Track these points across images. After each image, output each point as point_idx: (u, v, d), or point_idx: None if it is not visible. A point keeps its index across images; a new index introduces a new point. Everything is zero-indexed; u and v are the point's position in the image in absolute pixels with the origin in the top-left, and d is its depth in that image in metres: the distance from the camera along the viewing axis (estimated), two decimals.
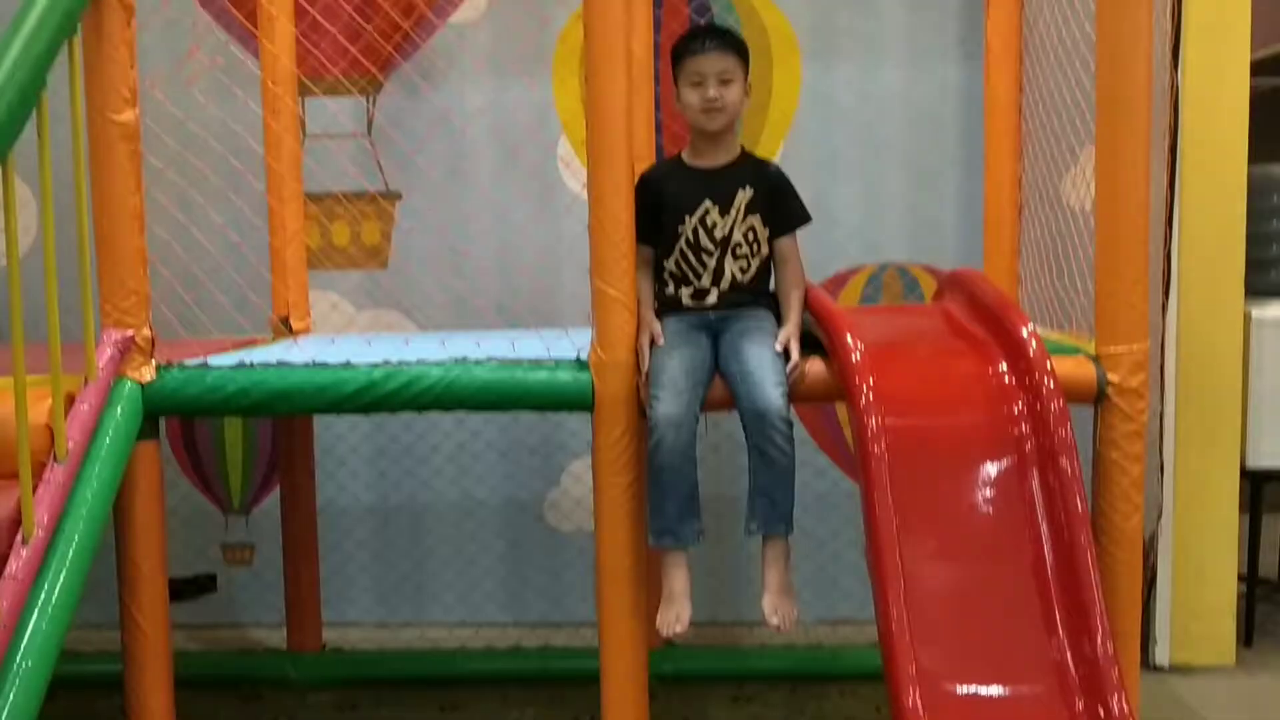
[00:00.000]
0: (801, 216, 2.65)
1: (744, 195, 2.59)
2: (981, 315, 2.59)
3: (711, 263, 2.59)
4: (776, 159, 3.47)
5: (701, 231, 2.58)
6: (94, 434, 2.36)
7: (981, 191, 3.48)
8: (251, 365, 2.53)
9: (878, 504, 2.23)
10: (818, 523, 3.80)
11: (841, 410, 3.67)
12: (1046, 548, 2.25)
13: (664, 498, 2.40)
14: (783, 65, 3.72)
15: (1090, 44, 3.12)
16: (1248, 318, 3.54)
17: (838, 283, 3.78)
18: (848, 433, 3.76)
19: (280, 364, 2.54)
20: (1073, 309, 2.99)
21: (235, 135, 3.31)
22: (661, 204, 2.59)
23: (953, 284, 2.77)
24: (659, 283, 2.65)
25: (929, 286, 3.78)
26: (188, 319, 3.20)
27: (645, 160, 3.10)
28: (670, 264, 2.62)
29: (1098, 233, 2.45)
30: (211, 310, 3.25)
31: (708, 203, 2.58)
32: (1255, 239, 3.63)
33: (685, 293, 2.60)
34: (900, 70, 3.75)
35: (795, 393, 2.44)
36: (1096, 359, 2.45)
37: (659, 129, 3.51)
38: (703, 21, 3.60)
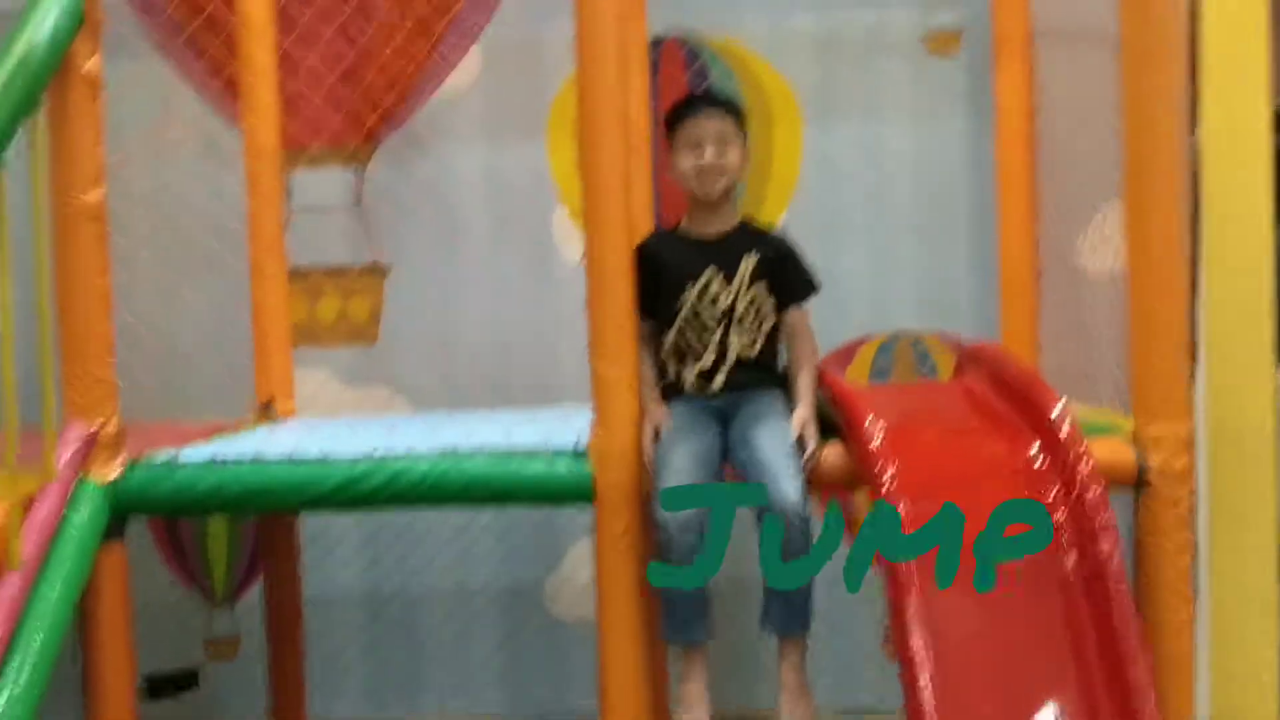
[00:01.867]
0: (811, 285, 2.52)
1: (748, 263, 2.46)
2: (1007, 393, 2.42)
3: (715, 337, 2.44)
4: (781, 225, 3.34)
5: (703, 303, 2.44)
6: (54, 538, 2.19)
7: (995, 254, 3.35)
8: (224, 461, 2.35)
9: (905, 601, 2.05)
10: (834, 607, 3.59)
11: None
12: (1090, 640, 2.07)
13: (674, 600, 2.24)
14: (784, 129, 3.60)
15: (1106, 101, 3.01)
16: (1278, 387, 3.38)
17: (847, 354, 3.62)
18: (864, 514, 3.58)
19: (255, 459, 2.37)
20: (1100, 381, 2.84)
21: (218, 208, 3.17)
22: (660, 275, 2.45)
23: (974, 359, 2.61)
24: (660, 359, 2.49)
25: (943, 356, 3.62)
26: (169, 398, 3.05)
27: (644, 231, 2.96)
28: (671, 338, 2.46)
29: (1131, 306, 2.31)
30: (195, 388, 3.10)
31: (709, 272, 2.44)
32: None
33: (689, 374, 2.45)
34: (906, 131, 3.63)
35: (812, 482, 2.26)
36: (1135, 440, 2.28)
37: (657, 198, 3.38)
38: (701, 88, 3.48)
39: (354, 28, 3.21)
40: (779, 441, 2.27)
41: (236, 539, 3.73)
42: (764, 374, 2.47)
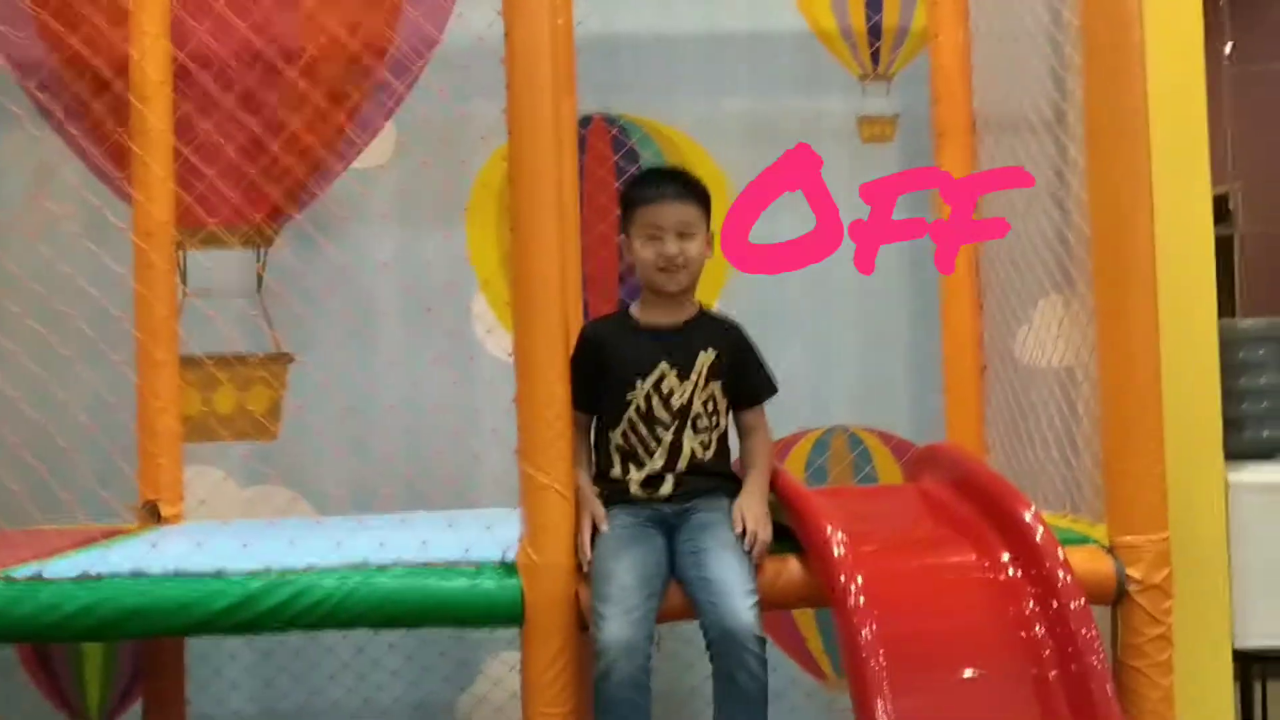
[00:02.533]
0: (769, 387, 2.34)
1: (705, 358, 2.27)
2: (970, 497, 2.25)
3: (668, 436, 2.23)
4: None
5: (656, 399, 2.24)
6: None
7: (932, 352, 3.21)
8: (97, 577, 2.05)
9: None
10: None
11: None
12: None
13: None
14: (718, 213, 3.43)
15: (1044, 192, 2.92)
16: (1225, 483, 3.27)
17: (781, 448, 3.43)
18: (801, 623, 3.37)
19: (134, 574, 2.07)
20: (1052, 484, 2.69)
21: (102, 289, 2.87)
22: (606, 367, 2.24)
23: (931, 460, 2.44)
24: (603, 459, 2.27)
25: (881, 454, 3.46)
26: (40, 502, 2.72)
27: (574, 321, 2.75)
28: (617, 437, 2.24)
29: (1104, 408, 2.17)
30: (71, 490, 2.78)
31: (664, 366, 2.25)
32: (1225, 397, 3.40)
33: (635, 476, 2.23)
34: (847, 218, 3.49)
35: (768, 600, 2.04)
36: (1111, 550, 2.12)
37: (586, 284, 3.19)
38: (634, 169, 3.32)
39: (259, 96, 2.97)
40: (732, 556, 2.07)
41: (114, 653, 3.39)
42: (716, 479, 2.27)
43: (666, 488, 2.21)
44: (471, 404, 3.06)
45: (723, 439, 2.29)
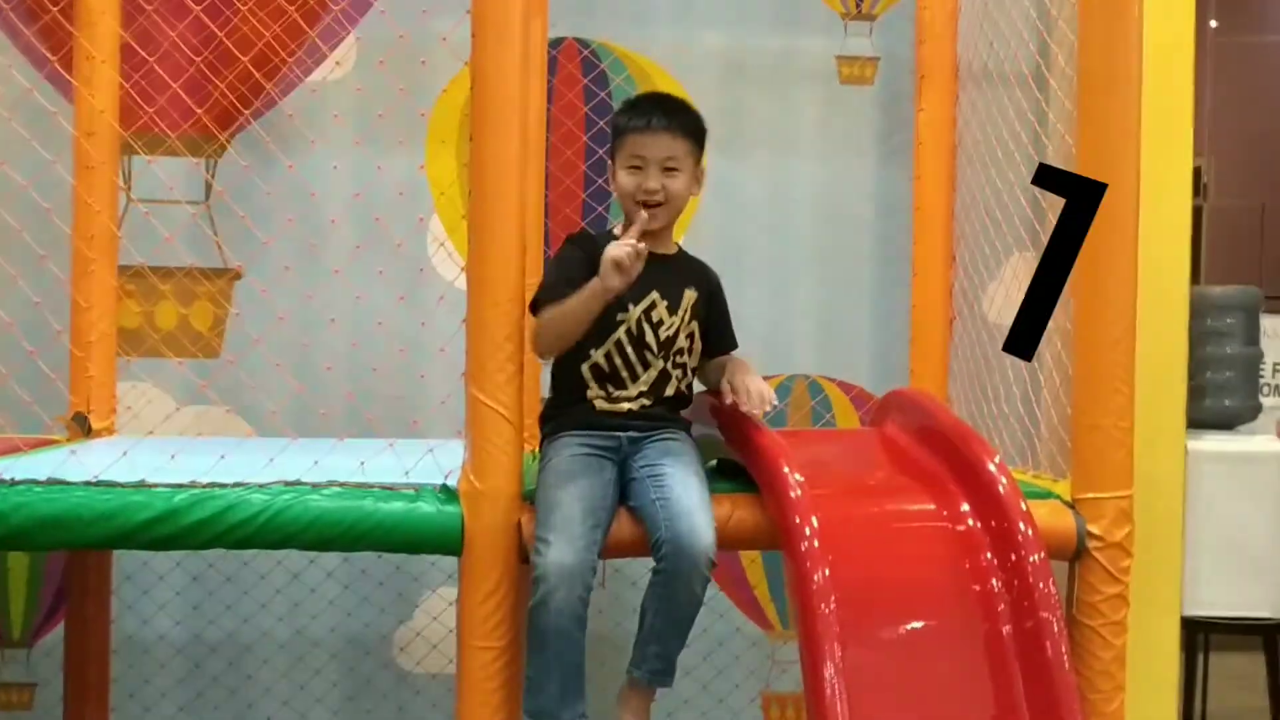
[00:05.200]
0: (733, 344, 2.29)
1: (690, 295, 2.20)
2: (933, 445, 2.18)
3: (657, 363, 2.15)
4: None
5: (646, 327, 2.14)
6: None
7: (898, 302, 3.15)
8: (12, 482, 1.94)
9: (825, 675, 1.77)
10: (713, 672, 3.31)
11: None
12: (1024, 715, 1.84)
13: (546, 670, 1.90)
14: None
15: (1022, 147, 2.84)
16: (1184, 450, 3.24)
17: None
18: (749, 572, 3.32)
19: (52, 481, 1.96)
20: (1013, 441, 2.64)
21: (43, 191, 2.72)
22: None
23: (897, 405, 2.36)
24: (570, 380, 2.15)
25: (841, 403, 3.40)
26: None
27: (533, 248, 2.64)
28: (598, 356, 2.13)
29: (1076, 360, 2.11)
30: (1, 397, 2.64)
31: (655, 295, 2.15)
32: (1189, 365, 3.36)
33: (612, 393, 2.13)
34: (815, 165, 3.41)
35: (719, 540, 1.97)
36: (1073, 506, 2.06)
37: (548, 212, 3.08)
38: (604, 93, 3.20)
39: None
40: (693, 480, 2.01)
41: (40, 571, 3.28)
42: (679, 409, 2.21)
43: (637, 406, 2.13)
44: (422, 330, 2.94)
45: (691, 381, 2.24)
